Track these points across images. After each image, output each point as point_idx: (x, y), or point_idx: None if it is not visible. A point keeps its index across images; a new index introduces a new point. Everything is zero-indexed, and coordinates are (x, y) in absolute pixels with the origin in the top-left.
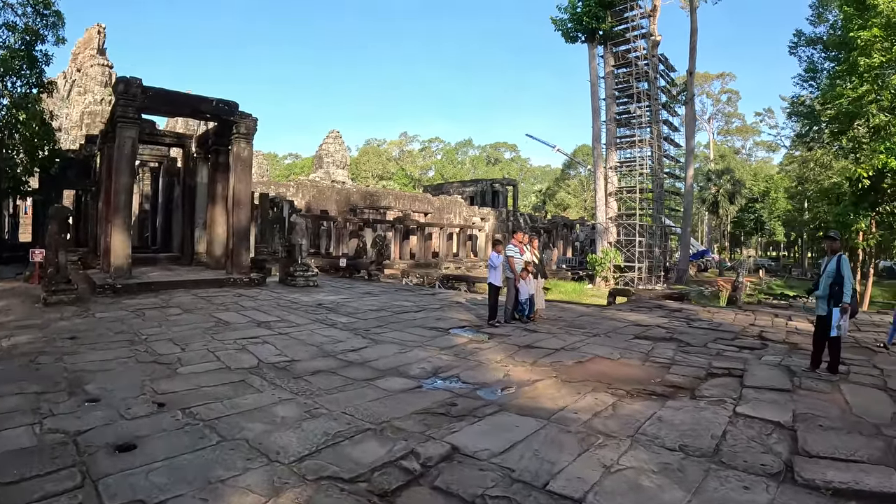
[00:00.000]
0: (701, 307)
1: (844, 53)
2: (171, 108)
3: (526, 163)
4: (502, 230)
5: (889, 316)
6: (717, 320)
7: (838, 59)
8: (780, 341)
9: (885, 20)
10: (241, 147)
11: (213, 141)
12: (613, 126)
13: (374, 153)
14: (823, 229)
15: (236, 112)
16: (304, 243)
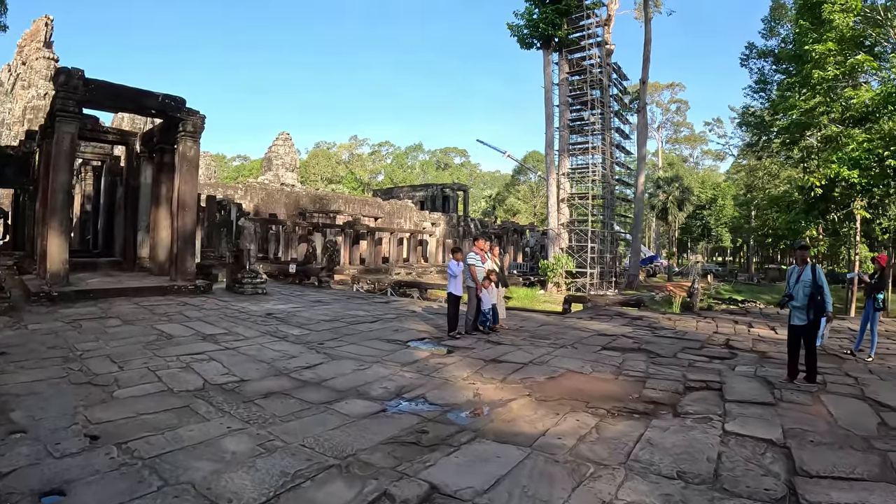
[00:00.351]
0: (661, 315)
1: (797, 66)
2: (115, 103)
3: (476, 168)
4: (453, 235)
5: (847, 322)
6: (681, 328)
7: (789, 72)
8: (747, 349)
9: (840, 35)
10: (188, 146)
11: (158, 139)
12: (566, 132)
13: (324, 156)
14: (773, 236)
15: (183, 108)
16: (253, 248)
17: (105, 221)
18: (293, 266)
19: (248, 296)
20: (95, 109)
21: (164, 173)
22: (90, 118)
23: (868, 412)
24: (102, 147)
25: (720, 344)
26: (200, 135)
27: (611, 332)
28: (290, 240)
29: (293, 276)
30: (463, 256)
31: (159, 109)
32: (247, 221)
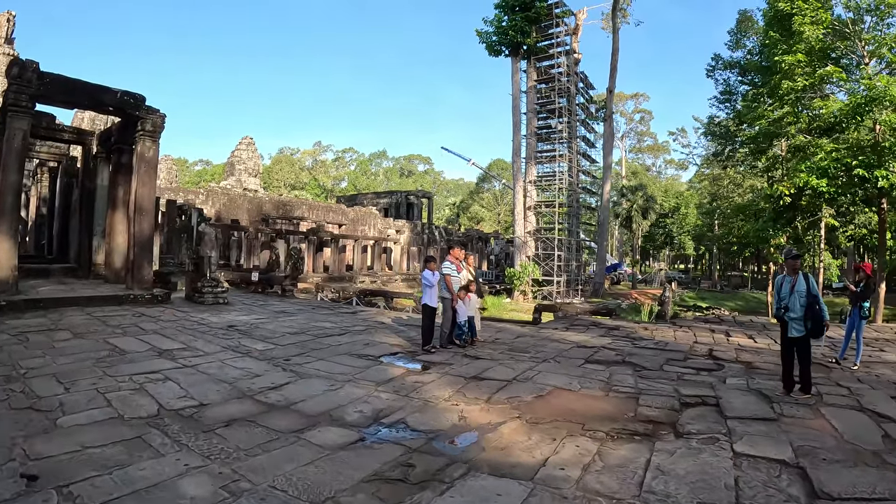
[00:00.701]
0: (636, 324)
1: (765, 77)
2: (71, 98)
3: (439, 175)
4: (417, 243)
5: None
6: (660, 339)
7: (754, 83)
8: (732, 360)
9: (809, 47)
10: (147, 146)
11: (116, 139)
12: (533, 140)
13: (287, 162)
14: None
15: (143, 106)
16: (214, 255)
17: (60, 226)
18: (255, 274)
19: (208, 306)
20: (50, 105)
21: (121, 175)
22: (47, 116)
23: (870, 425)
24: (59, 147)
25: (703, 355)
26: (160, 134)
27: (591, 344)
28: (253, 247)
29: (256, 284)
30: (438, 266)
31: (117, 107)
32: (208, 227)
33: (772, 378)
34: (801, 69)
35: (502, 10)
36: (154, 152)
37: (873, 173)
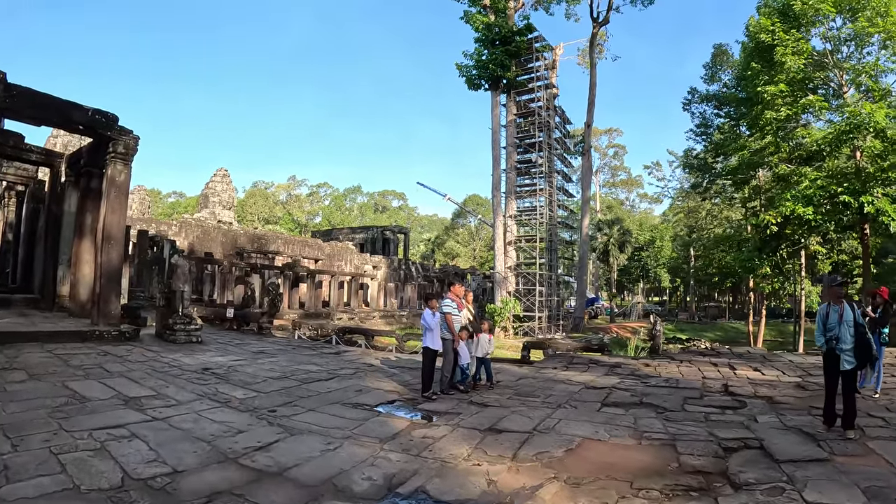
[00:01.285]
0: (634, 360)
1: (747, 108)
2: (39, 114)
3: (414, 211)
4: (394, 279)
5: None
6: (666, 375)
7: (731, 115)
8: (751, 396)
9: (790, 77)
10: (118, 169)
11: (85, 161)
12: (513, 174)
13: (262, 196)
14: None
15: (115, 126)
16: (187, 290)
17: (25, 253)
18: (231, 310)
19: (180, 344)
20: (17, 119)
21: (90, 200)
22: (14, 135)
23: None
24: (26, 169)
25: (719, 391)
26: (132, 158)
27: (600, 385)
28: (227, 281)
29: (231, 321)
30: (438, 305)
31: (88, 125)
32: (181, 259)
33: (801, 413)
34: (781, 99)
35: (482, 43)
36: (126, 176)
37: (859, 199)
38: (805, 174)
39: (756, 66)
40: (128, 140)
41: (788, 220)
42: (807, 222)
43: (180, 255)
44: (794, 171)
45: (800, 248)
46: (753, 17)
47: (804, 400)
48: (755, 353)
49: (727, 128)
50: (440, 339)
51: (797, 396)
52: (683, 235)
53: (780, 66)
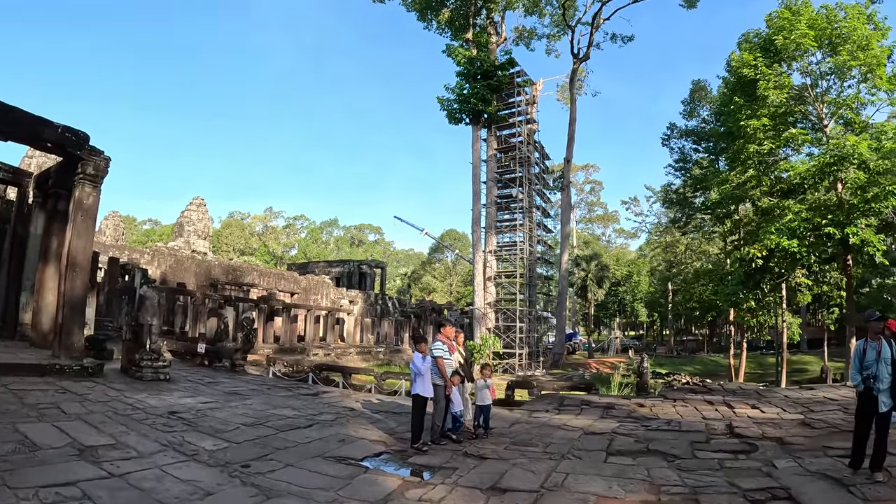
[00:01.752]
0: (627, 400)
1: (728, 142)
2: (5, 128)
3: (390, 246)
4: (371, 314)
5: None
6: (665, 416)
7: (710, 150)
8: (758, 437)
9: (773, 111)
10: (86, 192)
11: (53, 181)
12: (494, 209)
13: (238, 226)
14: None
15: (85, 146)
16: (156, 324)
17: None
18: (202, 345)
19: (146, 382)
20: None
21: (56, 223)
22: None
23: None
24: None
25: (724, 433)
26: (102, 180)
27: (599, 430)
28: (200, 313)
29: (202, 356)
30: (428, 347)
31: (57, 143)
32: (150, 290)
33: (817, 455)
34: (763, 133)
35: (464, 77)
36: (94, 200)
37: (844, 231)
38: (788, 207)
39: (739, 100)
40: (98, 161)
41: (773, 253)
42: (791, 255)
43: (151, 284)
44: (776, 204)
45: (784, 280)
46: (735, 53)
47: (815, 440)
48: (748, 389)
49: (706, 163)
50: (431, 385)
51: (806, 436)
52: (662, 270)
53: (762, 100)
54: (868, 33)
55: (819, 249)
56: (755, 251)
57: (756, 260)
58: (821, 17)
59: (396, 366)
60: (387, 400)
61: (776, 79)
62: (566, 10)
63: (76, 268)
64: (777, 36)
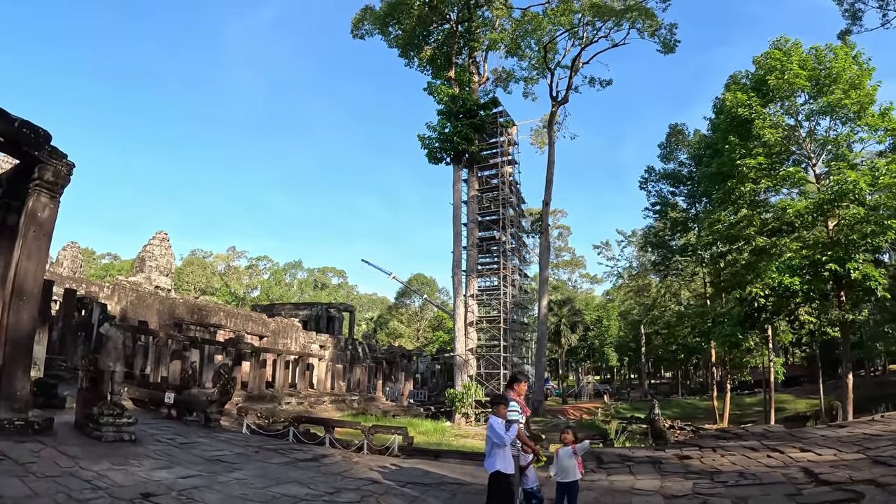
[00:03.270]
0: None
1: (718, 183)
2: None
3: (353, 290)
4: (342, 360)
5: None
6: (723, 468)
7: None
8: (848, 482)
9: (768, 149)
10: (42, 203)
11: (4, 190)
12: (475, 252)
13: (200, 265)
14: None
15: (45, 147)
16: (119, 370)
17: None
18: (170, 395)
19: (107, 444)
20: None
21: (3, 241)
22: None
23: None
24: None
25: (808, 482)
26: (62, 189)
27: (678, 492)
28: (163, 355)
29: (170, 407)
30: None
31: (11, 139)
32: (113, 329)
33: None
34: (755, 172)
35: (445, 116)
36: (51, 213)
37: (845, 266)
38: (785, 245)
39: (734, 139)
40: (58, 166)
41: (775, 292)
42: (794, 293)
43: (111, 321)
44: (772, 243)
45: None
46: (727, 93)
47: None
48: (776, 431)
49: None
50: (510, 457)
51: None
52: (635, 314)
53: (756, 139)
54: (859, 73)
55: (818, 286)
56: (757, 290)
57: (759, 299)
58: (810, 59)
59: (372, 415)
60: (405, 465)
61: (771, 118)
62: (547, 53)
63: (23, 297)
64: (770, 76)
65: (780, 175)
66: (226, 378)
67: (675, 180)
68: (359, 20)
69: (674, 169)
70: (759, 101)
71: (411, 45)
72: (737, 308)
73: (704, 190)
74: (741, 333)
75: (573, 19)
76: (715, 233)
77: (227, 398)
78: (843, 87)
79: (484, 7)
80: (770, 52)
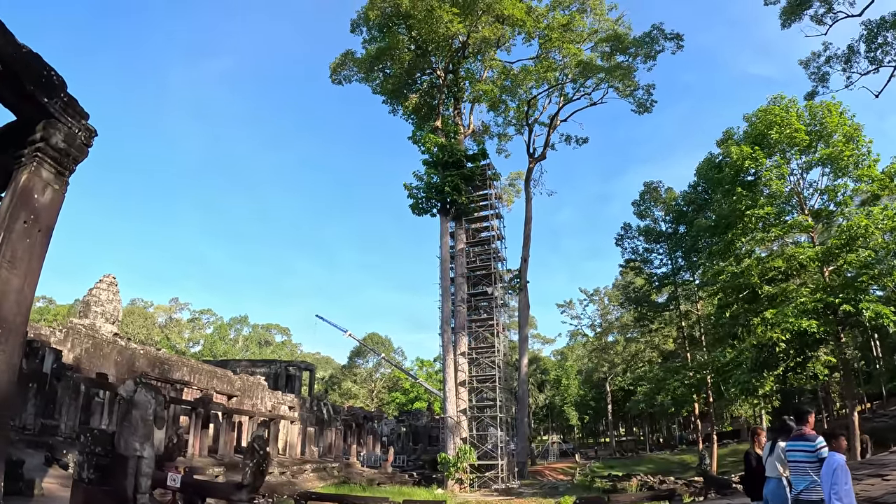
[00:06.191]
0: None
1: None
2: None
3: (297, 348)
4: (311, 422)
5: None
6: None
7: (669, 248)
8: None
9: (773, 199)
10: (42, 178)
11: None
12: (464, 308)
13: (140, 315)
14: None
15: (59, 96)
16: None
17: None
18: (176, 477)
19: None
20: None
21: None
22: None
23: None
24: None
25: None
26: (75, 166)
27: None
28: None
29: (174, 492)
30: None
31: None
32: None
33: None
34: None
35: (432, 167)
36: (55, 198)
37: (858, 306)
38: (794, 290)
39: (741, 190)
40: (74, 128)
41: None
42: (811, 335)
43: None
44: (781, 289)
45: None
46: (735, 147)
47: None
48: None
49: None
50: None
51: None
52: (603, 371)
53: (764, 189)
54: (854, 126)
55: (832, 328)
56: (778, 335)
57: (780, 343)
58: (803, 115)
59: (357, 484)
60: None
61: (777, 170)
62: (530, 108)
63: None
64: (770, 130)
65: (789, 224)
66: (261, 455)
67: (654, 236)
68: (339, 65)
69: (647, 225)
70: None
71: (398, 92)
72: (747, 354)
73: (692, 244)
74: (757, 380)
75: (557, 76)
76: (718, 283)
77: (262, 481)
78: (841, 139)
79: (470, 59)
80: (769, 108)
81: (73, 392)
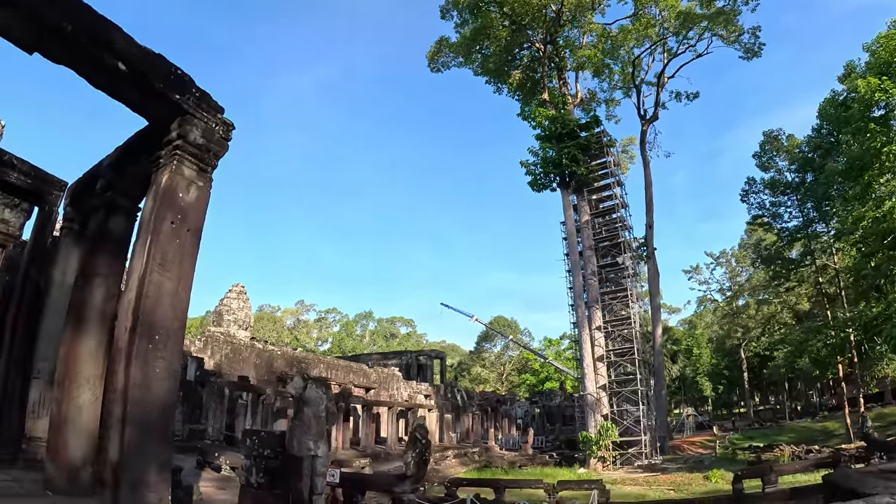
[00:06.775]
0: None
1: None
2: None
3: (422, 338)
4: (447, 409)
5: None
6: None
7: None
8: None
9: None
10: (185, 177)
11: (107, 182)
12: (595, 281)
13: (270, 319)
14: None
15: (192, 91)
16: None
17: None
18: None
19: None
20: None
21: (103, 258)
22: None
23: None
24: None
25: None
26: (217, 161)
27: None
28: (269, 414)
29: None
30: None
31: (135, 71)
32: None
33: None
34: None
35: (545, 140)
36: (200, 196)
37: None
38: None
39: (874, 126)
40: (211, 122)
41: None
42: None
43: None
44: None
45: None
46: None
47: None
48: None
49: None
50: None
51: None
52: (737, 337)
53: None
54: None
55: None
56: None
57: None
58: None
59: (499, 468)
60: None
61: None
62: (634, 69)
63: (156, 335)
64: None
65: None
66: (422, 444)
67: (780, 188)
68: (435, 52)
69: (772, 177)
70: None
71: (500, 70)
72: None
73: (823, 192)
74: None
75: (658, 31)
76: (859, 230)
77: (425, 471)
78: None
79: (567, 27)
80: (891, 32)
81: (217, 396)
